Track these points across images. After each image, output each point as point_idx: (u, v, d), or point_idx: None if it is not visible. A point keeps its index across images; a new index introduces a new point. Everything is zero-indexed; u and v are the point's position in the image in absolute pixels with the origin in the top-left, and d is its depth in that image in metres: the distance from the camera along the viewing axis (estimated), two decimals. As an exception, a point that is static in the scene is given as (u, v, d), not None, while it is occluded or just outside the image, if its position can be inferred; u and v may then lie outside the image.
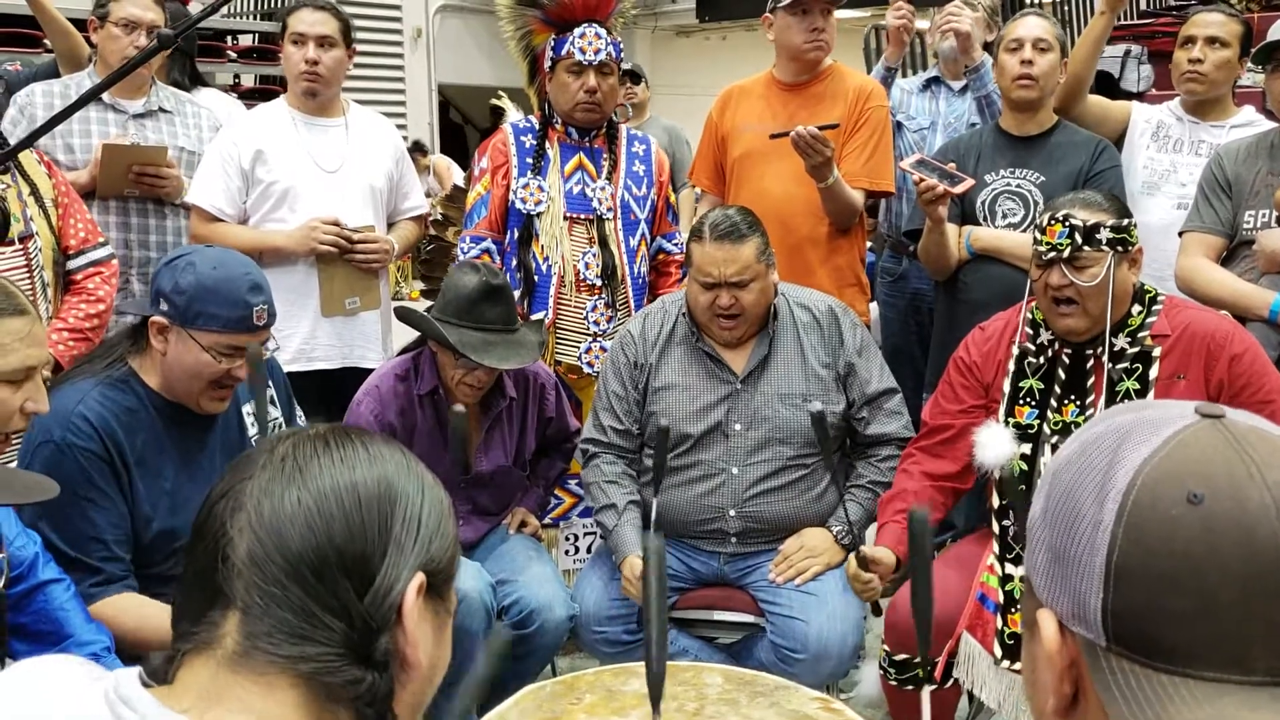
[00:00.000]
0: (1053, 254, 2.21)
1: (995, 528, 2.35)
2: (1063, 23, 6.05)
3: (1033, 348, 2.34)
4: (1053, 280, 2.23)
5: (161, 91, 3.21)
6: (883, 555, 2.37)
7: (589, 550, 3.09)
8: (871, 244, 3.79)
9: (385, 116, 3.39)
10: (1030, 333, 2.35)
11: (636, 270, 3.10)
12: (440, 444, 2.64)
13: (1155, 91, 5.02)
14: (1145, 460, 0.70)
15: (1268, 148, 2.76)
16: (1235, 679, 0.66)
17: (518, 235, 3.03)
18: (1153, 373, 2.23)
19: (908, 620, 2.34)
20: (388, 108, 9.76)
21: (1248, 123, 3.07)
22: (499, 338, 2.53)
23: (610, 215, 3.05)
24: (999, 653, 2.25)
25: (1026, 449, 2.30)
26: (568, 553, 3.13)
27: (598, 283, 3.02)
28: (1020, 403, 2.33)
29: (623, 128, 3.20)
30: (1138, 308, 2.28)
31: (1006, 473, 2.26)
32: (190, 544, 0.88)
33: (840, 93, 3.12)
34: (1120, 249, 2.20)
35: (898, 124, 3.54)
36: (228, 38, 8.05)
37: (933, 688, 2.34)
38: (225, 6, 3.22)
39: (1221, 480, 0.68)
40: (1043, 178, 2.96)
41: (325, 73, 3.04)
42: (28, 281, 2.55)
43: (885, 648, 2.39)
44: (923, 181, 2.77)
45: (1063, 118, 3.08)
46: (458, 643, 0.96)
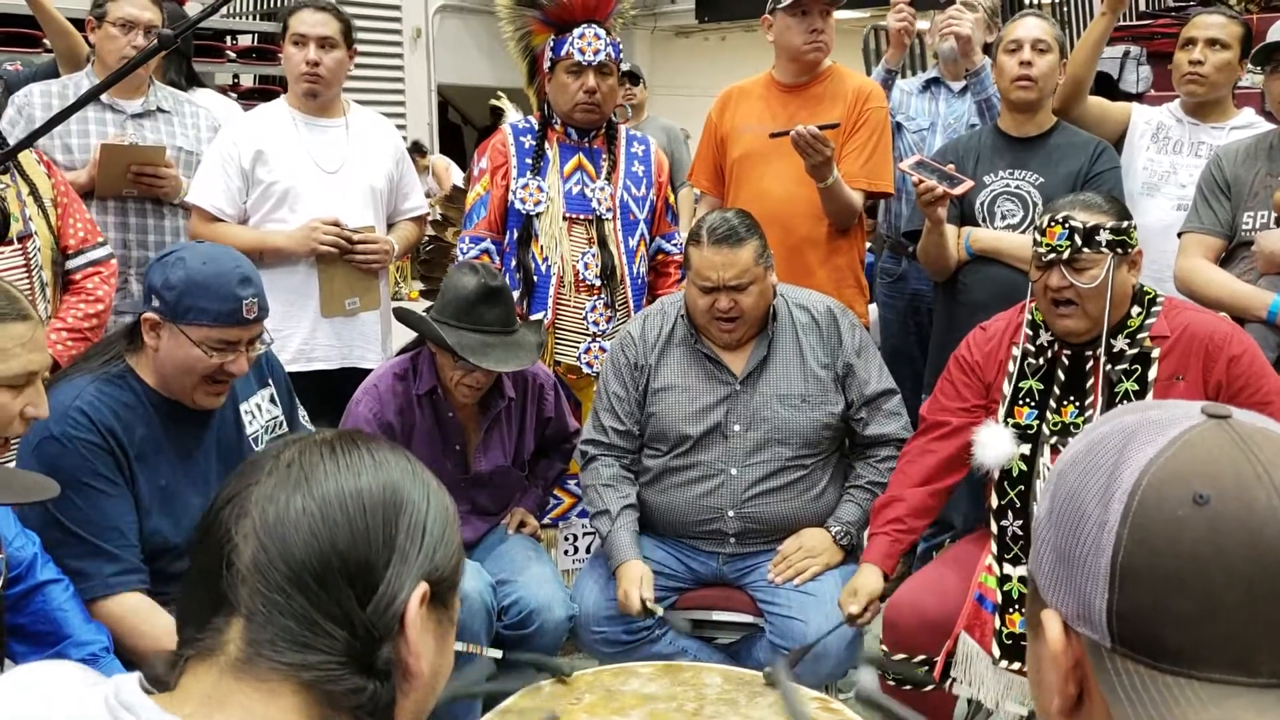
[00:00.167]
0: (1052, 256, 2.21)
1: (994, 528, 2.35)
2: (1062, 24, 6.05)
3: (1032, 349, 2.34)
4: (1052, 282, 2.23)
5: (160, 91, 3.21)
6: (869, 585, 2.40)
7: (588, 550, 3.09)
8: (871, 245, 3.79)
9: (385, 117, 3.39)
10: (1030, 333, 2.35)
11: (636, 271, 3.09)
12: (440, 445, 2.63)
13: (1154, 92, 5.02)
14: (1151, 461, 0.70)
15: (1267, 149, 2.76)
16: (1240, 681, 0.66)
17: (517, 236, 3.03)
18: (1151, 374, 2.23)
19: (907, 620, 2.35)
20: (387, 108, 9.76)
21: (1247, 124, 3.07)
22: (498, 339, 2.53)
23: (609, 216, 3.05)
24: (997, 653, 2.26)
25: (1026, 449, 2.30)
26: (567, 553, 3.13)
27: (597, 283, 3.02)
28: (1020, 403, 2.33)
29: (622, 128, 3.19)
30: (1137, 309, 2.28)
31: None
32: (195, 548, 0.87)
33: (839, 93, 3.12)
34: (1120, 251, 2.20)
35: (897, 125, 3.54)
36: (227, 38, 8.05)
37: (931, 687, 2.35)
38: (225, 6, 3.21)
39: (1228, 481, 0.68)
40: (1042, 179, 2.96)
41: (326, 74, 3.04)
42: (26, 281, 2.54)
43: (884, 648, 2.39)
44: (922, 183, 2.77)
45: (1062, 119, 3.08)
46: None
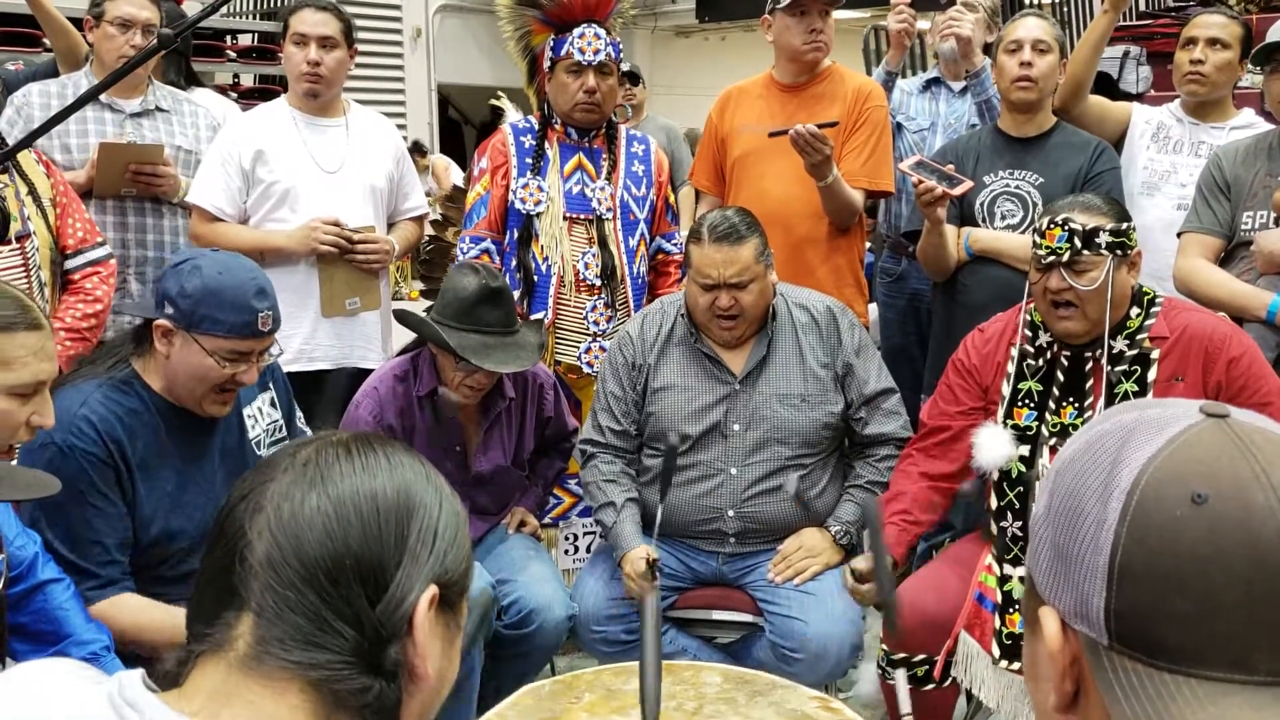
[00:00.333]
0: (1052, 258, 2.21)
1: (994, 528, 2.35)
2: (1062, 23, 6.04)
3: (1031, 350, 2.34)
4: (1051, 284, 2.23)
5: (159, 91, 3.21)
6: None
7: (588, 550, 3.09)
8: (871, 244, 3.79)
9: (385, 116, 3.39)
10: (1029, 335, 2.35)
11: (636, 270, 3.10)
12: (441, 446, 2.63)
13: (1154, 92, 5.01)
14: (1150, 459, 0.70)
15: (1266, 149, 2.76)
16: (1238, 680, 0.66)
17: (517, 235, 3.03)
18: (1151, 375, 2.23)
19: (907, 619, 2.34)
20: (387, 107, 9.74)
21: (1247, 125, 3.07)
22: (498, 340, 2.53)
23: (610, 215, 3.05)
24: (997, 652, 2.26)
25: (1025, 451, 2.30)
26: (567, 552, 3.13)
27: (597, 283, 3.02)
28: (1019, 405, 2.33)
29: (622, 128, 3.20)
30: (1136, 310, 2.28)
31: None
32: (209, 544, 0.88)
33: (839, 93, 3.12)
34: (1119, 252, 2.20)
35: (898, 125, 3.54)
36: (227, 37, 8.05)
37: (931, 687, 2.35)
38: (225, 6, 3.21)
39: (1226, 481, 0.68)
40: (1041, 179, 2.96)
41: (327, 74, 3.03)
42: (25, 281, 2.54)
43: (883, 647, 2.39)
44: (921, 183, 2.77)
45: (1062, 118, 3.08)
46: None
